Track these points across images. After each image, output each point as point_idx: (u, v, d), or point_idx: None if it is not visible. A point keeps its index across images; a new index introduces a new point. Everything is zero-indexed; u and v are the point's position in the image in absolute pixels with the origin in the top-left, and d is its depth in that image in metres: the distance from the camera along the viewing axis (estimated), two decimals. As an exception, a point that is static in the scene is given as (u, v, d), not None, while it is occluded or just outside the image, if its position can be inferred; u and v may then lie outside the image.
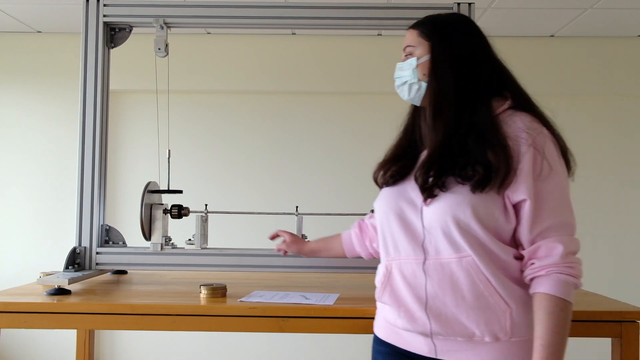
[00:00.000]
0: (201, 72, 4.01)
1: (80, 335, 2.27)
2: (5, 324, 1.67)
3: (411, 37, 1.36)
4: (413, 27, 1.37)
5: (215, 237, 2.41)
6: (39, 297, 1.75)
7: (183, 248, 2.11)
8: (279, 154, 4.00)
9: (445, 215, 1.20)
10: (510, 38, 4.01)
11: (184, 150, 3.91)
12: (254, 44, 4.02)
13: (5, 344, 3.95)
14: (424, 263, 1.24)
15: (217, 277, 2.22)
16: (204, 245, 2.09)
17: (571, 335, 1.60)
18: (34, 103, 4.05)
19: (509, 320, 1.19)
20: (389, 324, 1.34)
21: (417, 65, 1.32)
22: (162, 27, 2.11)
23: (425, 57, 1.32)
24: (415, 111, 1.41)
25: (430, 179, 1.23)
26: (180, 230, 2.40)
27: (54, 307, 1.68)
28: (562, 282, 1.16)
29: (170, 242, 2.11)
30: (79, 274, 1.94)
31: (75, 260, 2.02)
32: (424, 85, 1.32)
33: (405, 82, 1.35)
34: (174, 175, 2.18)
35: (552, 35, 3.99)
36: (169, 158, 2.17)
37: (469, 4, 2.06)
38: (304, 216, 2.10)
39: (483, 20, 3.66)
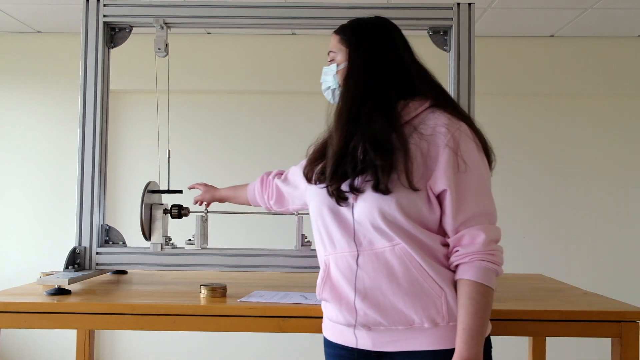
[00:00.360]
0: (201, 72, 4.01)
1: (80, 335, 2.27)
2: (5, 324, 1.67)
3: (333, 42, 1.42)
4: (336, 31, 1.43)
5: (215, 237, 2.40)
6: (39, 297, 1.76)
7: (183, 248, 2.11)
8: (279, 154, 4.00)
9: (372, 209, 1.25)
10: (510, 38, 4.01)
11: (184, 150, 3.90)
12: (254, 44, 4.02)
13: (5, 344, 3.95)
14: (358, 255, 1.28)
15: (217, 277, 2.22)
16: (204, 245, 2.09)
17: (571, 335, 1.61)
18: (34, 103, 4.05)
19: (445, 303, 1.24)
20: (333, 323, 1.37)
21: (337, 72, 1.40)
22: (162, 27, 2.11)
23: (344, 64, 1.38)
24: None
25: (338, 187, 1.28)
26: (180, 230, 2.40)
27: (54, 307, 1.68)
28: (484, 268, 1.22)
29: (170, 242, 2.11)
30: (79, 274, 1.94)
31: (75, 260, 2.02)
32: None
33: (329, 87, 1.43)
34: (174, 175, 2.18)
35: (552, 35, 3.99)
36: (169, 158, 2.17)
37: (469, 4, 2.06)
38: (303, 216, 2.10)
39: (483, 20, 3.66)
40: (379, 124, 1.27)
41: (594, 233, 4.03)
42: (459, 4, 2.06)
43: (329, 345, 1.41)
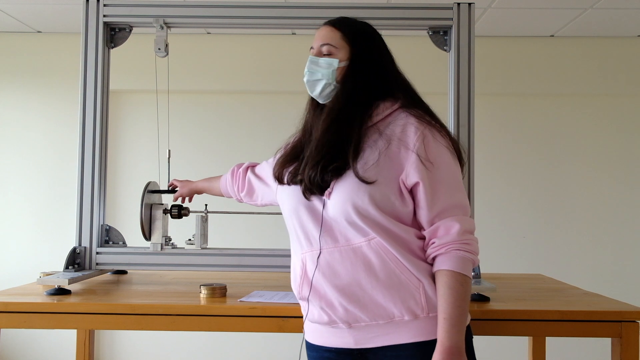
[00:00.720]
0: (201, 72, 4.01)
1: (80, 335, 2.27)
2: (5, 324, 1.67)
3: (333, 36, 1.40)
4: (335, 26, 1.42)
5: (215, 237, 2.41)
6: (39, 297, 1.76)
7: (183, 248, 2.11)
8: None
9: (345, 204, 1.27)
10: (510, 38, 4.01)
11: (184, 150, 3.90)
12: (254, 44, 4.02)
13: (5, 344, 3.95)
14: (336, 252, 1.30)
15: (217, 277, 2.22)
16: (204, 245, 2.09)
17: (571, 335, 1.61)
18: (34, 103, 4.05)
19: (423, 294, 1.26)
20: (313, 324, 1.37)
21: (337, 68, 1.38)
22: (162, 27, 2.11)
23: (346, 62, 1.38)
24: (315, 109, 1.46)
25: (317, 176, 1.30)
26: (180, 230, 2.40)
27: (54, 307, 1.68)
28: (460, 258, 1.25)
29: (170, 242, 2.11)
30: (79, 274, 1.94)
31: (75, 260, 2.03)
32: (337, 87, 1.39)
33: (320, 79, 1.40)
34: (174, 175, 2.18)
35: (552, 35, 3.99)
36: (169, 158, 2.17)
37: (469, 4, 2.06)
38: (304, 216, 2.10)
39: (483, 20, 3.66)
40: (355, 125, 1.32)
41: (594, 233, 4.03)
42: (459, 4, 2.06)
43: (311, 348, 1.42)
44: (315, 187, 1.30)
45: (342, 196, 1.28)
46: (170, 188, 2.12)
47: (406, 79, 1.43)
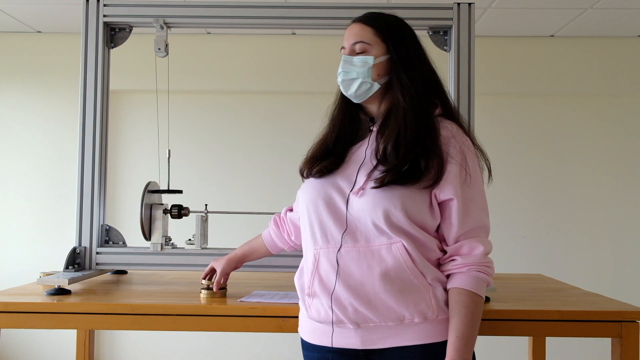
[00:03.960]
0: (201, 72, 4.01)
1: (80, 335, 2.26)
2: (5, 324, 1.67)
3: (365, 33, 1.36)
4: (365, 23, 1.38)
5: (215, 237, 2.40)
6: (39, 297, 1.75)
7: (183, 248, 2.11)
8: (278, 154, 4.00)
9: (376, 207, 1.25)
10: (510, 38, 4.01)
11: (184, 150, 3.91)
12: (254, 44, 4.02)
13: (5, 344, 3.95)
14: (354, 251, 1.28)
15: (217, 277, 2.22)
16: (204, 245, 2.09)
17: (571, 335, 1.61)
18: (34, 103, 4.05)
19: (433, 297, 1.27)
20: (314, 323, 1.35)
21: (374, 65, 1.34)
22: (162, 27, 2.11)
23: (382, 58, 1.35)
24: (348, 108, 1.43)
25: (404, 164, 1.26)
26: (180, 231, 2.40)
27: (54, 307, 1.68)
28: (480, 279, 1.27)
29: (170, 242, 2.11)
30: (79, 274, 1.94)
31: (75, 260, 2.02)
32: (376, 85, 1.35)
33: (356, 78, 1.35)
34: (174, 175, 2.18)
35: (552, 35, 3.99)
36: (169, 158, 2.17)
37: (469, 4, 2.06)
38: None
39: (483, 20, 3.66)
40: (430, 121, 1.30)
41: (594, 233, 4.03)
42: (459, 4, 2.06)
43: (310, 348, 1.39)
44: (405, 174, 1.25)
45: (374, 199, 1.26)
46: (206, 278, 1.79)
47: (442, 82, 1.41)
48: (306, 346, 1.41)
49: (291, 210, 1.69)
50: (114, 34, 2.16)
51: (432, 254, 1.29)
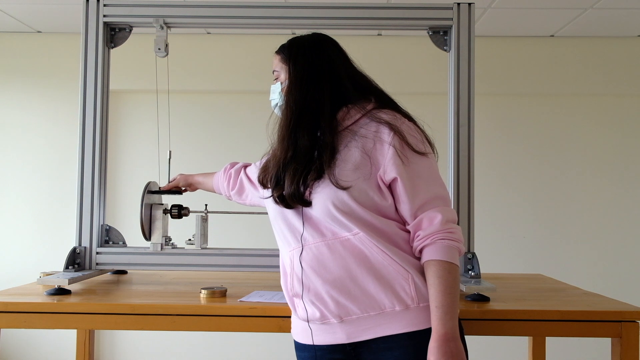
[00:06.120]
0: (201, 72, 4.01)
1: (80, 335, 2.27)
2: (5, 324, 1.67)
3: (277, 62, 1.51)
4: (277, 52, 1.52)
5: (215, 237, 2.41)
6: (39, 297, 1.76)
7: (183, 248, 2.11)
8: (279, 154, 3.98)
9: (325, 202, 1.30)
10: (510, 38, 4.01)
11: (184, 150, 3.90)
12: (254, 44, 4.02)
13: (5, 344, 3.95)
14: (323, 245, 1.32)
15: (217, 277, 2.22)
16: (204, 245, 2.09)
17: (571, 335, 1.61)
18: (34, 103, 4.05)
19: (412, 285, 1.29)
20: (303, 323, 1.39)
21: (282, 90, 1.47)
22: (162, 27, 2.11)
23: (286, 82, 1.46)
24: None
25: (298, 190, 1.32)
26: (180, 230, 2.40)
27: (54, 307, 1.68)
28: (446, 247, 1.28)
29: (170, 242, 2.11)
30: (79, 274, 1.94)
31: (75, 260, 2.03)
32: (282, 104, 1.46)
33: (277, 104, 1.53)
34: (174, 175, 2.18)
35: (552, 35, 3.99)
36: (169, 158, 2.17)
37: (469, 4, 2.06)
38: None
39: (483, 20, 3.66)
40: (306, 137, 1.34)
41: (594, 233, 4.03)
42: (459, 4, 2.06)
43: (301, 348, 1.43)
44: (298, 199, 1.33)
45: (322, 195, 1.31)
46: (170, 181, 2.13)
47: (372, 82, 1.47)
48: (298, 346, 1.45)
49: (245, 167, 1.91)
50: (114, 34, 2.16)
51: (397, 238, 1.31)
